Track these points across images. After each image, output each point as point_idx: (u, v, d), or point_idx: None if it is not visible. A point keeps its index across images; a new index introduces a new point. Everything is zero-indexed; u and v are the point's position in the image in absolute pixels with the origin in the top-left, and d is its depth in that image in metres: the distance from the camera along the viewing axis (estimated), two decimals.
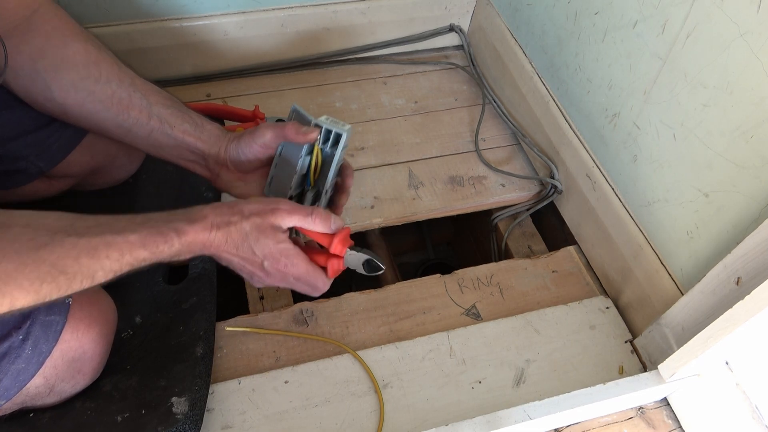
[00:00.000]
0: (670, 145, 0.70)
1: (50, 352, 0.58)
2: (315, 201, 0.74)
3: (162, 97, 0.68)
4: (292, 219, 0.62)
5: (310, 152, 0.71)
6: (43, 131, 0.71)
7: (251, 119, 0.98)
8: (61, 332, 0.58)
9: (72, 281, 0.50)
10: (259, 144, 0.68)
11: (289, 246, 0.62)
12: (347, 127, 0.70)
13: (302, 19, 1.04)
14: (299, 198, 0.75)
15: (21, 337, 0.55)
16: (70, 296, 0.55)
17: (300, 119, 0.72)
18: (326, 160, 0.72)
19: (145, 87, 0.67)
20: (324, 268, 0.65)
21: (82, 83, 0.64)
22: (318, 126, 0.70)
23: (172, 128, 0.67)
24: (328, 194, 0.74)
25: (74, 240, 0.50)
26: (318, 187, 0.74)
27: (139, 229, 0.54)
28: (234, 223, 0.59)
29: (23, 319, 0.56)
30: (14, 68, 0.63)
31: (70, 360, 0.60)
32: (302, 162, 0.72)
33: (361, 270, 0.68)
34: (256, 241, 0.60)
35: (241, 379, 0.71)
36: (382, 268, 0.67)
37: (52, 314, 0.58)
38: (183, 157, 0.70)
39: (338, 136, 0.70)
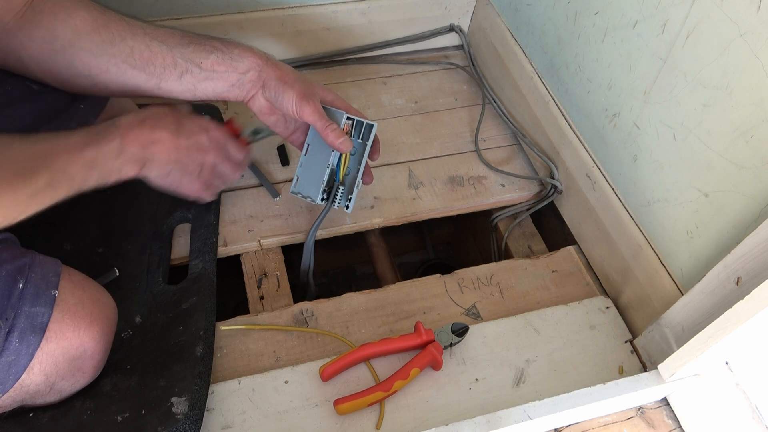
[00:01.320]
0: (670, 145, 0.70)
1: (39, 344, 0.57)
2: (346, 196, 0.77)
3: (179, 36, 0.67)
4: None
5: None
6: (43, 128, 0.71)
7: None
8: (47, 323, 0.58)
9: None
10: (299, 114, 0.71)
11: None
12: (375, 123, 0.75)
13: (302, 19, 1.04)
14: (329, 194, 0.77)
15: (7, 329, 0.55)
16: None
17: (329, 114, 0.74)
18: (353, 153, 0.75)
19: (159, 32, 0.67)
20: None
21: (99, 49, 0.64)
22: (350, 119, 0.72)
23: (200, 65, 0.67)
24: (359, 185, 0.76)
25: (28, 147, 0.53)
26: (347, 183, 0.76)
27: (78, 133, 0.58)
28: (153, 112, 0.66)
29: (3, 310, 0.56)
30: (33, 56, 0.63)
31: (70, 358, 0.60)
32: (333, 157, 0.76)
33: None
34: (192, 118, 0.68)
35: (241, 379, 0.71)
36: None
37: (37, 306, 0.58)
38: (218, 90, 0.70)
39: (370, 128, 0.73)
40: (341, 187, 0.76)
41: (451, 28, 1.14)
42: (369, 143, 0.75)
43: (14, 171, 0.51)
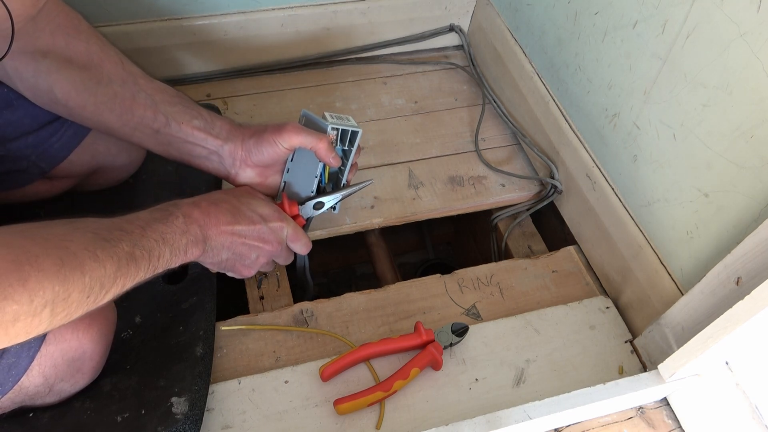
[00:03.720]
0: (670, 145, 0.70)
1: (39, 347, 0.57)
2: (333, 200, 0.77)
3: (168, 94, 0.67)
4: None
5: None
6: (43, 131, 0.71)
7: None
8: None
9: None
10: (286, 147, 0.69)
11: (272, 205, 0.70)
12: (357, 125, 0.74)
13: (302, 19, 1.04)
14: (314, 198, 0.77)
15: None
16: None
17: (311, 124, 0.73)
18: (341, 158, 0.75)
19: (150, 85, 0.66)
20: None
21: (83, 84, 0.64)
22: (335, 129, 0.71)
23: (180, 125, 0.67)
24: (344, 191, 0.76)
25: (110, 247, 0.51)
26: (335, 186, 0.76)
27: (140, 212, 0.57)
28: (211, 197, 0.63)
29: None
30: (19, 69, 0.62)
31: (69, 359, 0.60)
32: (320, 167, 0.74)
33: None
34: (250, 203, 0.65)
35: (241, 379, 0.71)
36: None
37: None
38: (194, 153, 0.69)
39: (354, 134, 0.73)
40: (328, 194, 0.76)
41: (451, 28, 1.14)
42: (354, 148, 0.74)
43: (96, 241, 0.50)
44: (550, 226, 1.01)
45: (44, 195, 0.78)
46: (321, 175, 0.76)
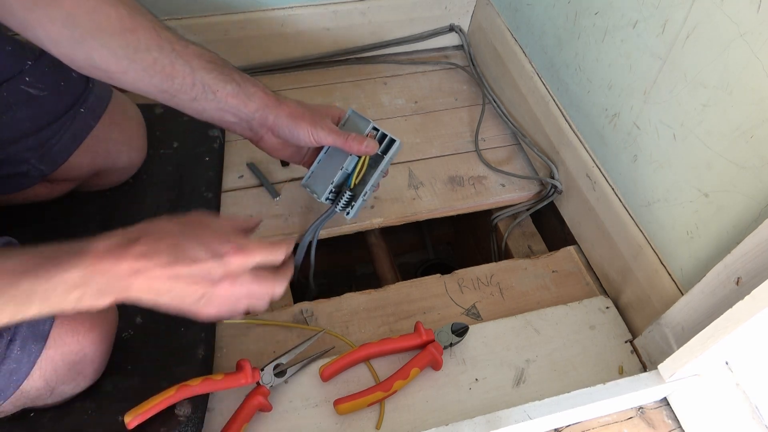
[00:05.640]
0: (670, 145, 0.70)
1: (41, 352, 0.57)
2: (350, 203, 0.76)
3: (204, 60, 0.66)
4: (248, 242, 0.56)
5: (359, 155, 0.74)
6: (42, 134, 0.71)
7: None
8: (49, 331, 0.57)
9: None
10: (316, 141, 0.70)
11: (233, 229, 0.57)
12: (399, 140, 0.75)
13: (302, 19, 1.04)
14: (335, 196, 0.77)
15: (9, 338, 0.55)
16: None
17: (355, 123, 0.75)
18: (371, 165, 0.75)
19: (186, 51, 0.65)
20: None
21: (121, 51, 0.62)
22: (375, 129, 0.72)
23: (215, 93, 0.66)
24: (367, 196, 0.76)
25: None
26: (356, 191, 0.76)
27: (20, 255, 0.47)
28: (153, 229, 0.52)
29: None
30: (52, 36, 0.60)
31: (70, 362, 0.60)
32: (349, 162, 0.75)
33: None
34: (200, 236, 0.53)
35: None
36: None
37: None
38: (225, 119, 0.69)
39: (392, 142, 0.74)
40: (348, 193, 0.76)
41: (451, 28, 1.14)
42: (388, 157, 0.75)
43: None
44: (550, 226, 1.01)
45: (45, 197, 0.78)
46: (350, 173, 0.76)
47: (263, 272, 0.57)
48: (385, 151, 0.75)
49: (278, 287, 0.58)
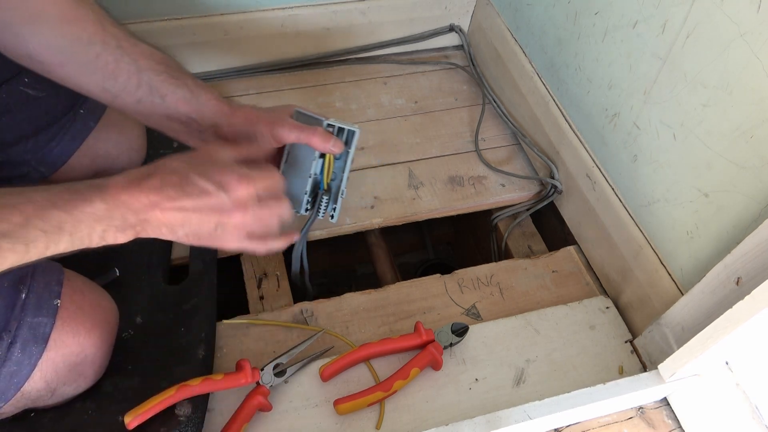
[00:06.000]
0: (670, 145, 0.70)
1: (41, 354, 0.57)
2: (328, 205, 0.73)
3: (154, 60, 0.62)
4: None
5: (323, 155, 0.69)
6: (42, 135, 0.70)
7: None
8: (49, 334, 0.57)
9: None
10: (277, 140, 0.64)
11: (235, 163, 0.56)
12: (356, 126, 0.69)
13: (302, 19, 1.04)
14: (313, 201, 0.74)
15: (9, 341, 0.55)
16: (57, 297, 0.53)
17: (305, 122, 0.68)
18: (337, 158, 0.71)
19: (134, 49, 0.61)
20: None
21: (61, 41, 0.58)
22: (331, 126, 0.68)
23: (163, 97, 0.62)
24: (344, 195, 0.73)
25: None
26: (331, 189, 0.73)
27: (47, 190, 0.47)
28: (166, 165, 0.53)
29: (7, 321, 0.55)
30: None
31: (71, 364, 0.60)
32: (315, 165, 0.70)
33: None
34: (206, 170, 0.53)
35: None
36: None
37: (40, 316, 0.57)
38: (173, 127, 0.65)
39: (351, 134, 0.69)
40: (325, 197, 0.74)
41: (451, 28, 1.14)
42: (352, 149, 0.71)
43: None
44: (550, 226, 1.01)
45: None
46: (319, 176, 0.72)
47: (266, 198, 0.58)
48: (347, 142, 0.70)
49: (284, 209, 0.60)
